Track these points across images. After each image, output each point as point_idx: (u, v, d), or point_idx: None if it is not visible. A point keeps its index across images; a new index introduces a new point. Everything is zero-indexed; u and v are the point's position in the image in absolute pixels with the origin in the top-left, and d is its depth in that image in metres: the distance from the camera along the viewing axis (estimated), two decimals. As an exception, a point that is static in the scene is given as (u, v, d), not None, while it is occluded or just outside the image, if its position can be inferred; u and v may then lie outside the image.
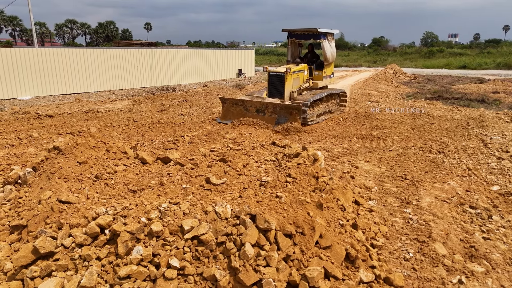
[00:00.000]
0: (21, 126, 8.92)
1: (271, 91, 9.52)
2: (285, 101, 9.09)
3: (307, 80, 10.13)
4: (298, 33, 10.33)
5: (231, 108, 9.29)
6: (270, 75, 9.57)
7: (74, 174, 4.22)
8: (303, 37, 10.31)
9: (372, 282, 2.94)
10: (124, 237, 2.76)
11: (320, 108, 9.70)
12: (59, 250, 2.84)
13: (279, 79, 9.33)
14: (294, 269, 2.77)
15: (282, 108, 8.61)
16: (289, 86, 9.38)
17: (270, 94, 9.53)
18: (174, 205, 3.21)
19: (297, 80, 9.73)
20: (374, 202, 4.68)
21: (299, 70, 9.80)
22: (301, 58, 10.74)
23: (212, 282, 2.63)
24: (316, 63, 10.54)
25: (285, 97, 9.31)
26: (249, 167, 5.09)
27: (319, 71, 10.40)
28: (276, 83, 9.42)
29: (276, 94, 9.37)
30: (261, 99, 8.95)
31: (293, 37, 10.42)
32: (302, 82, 9.93)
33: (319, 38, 9.81)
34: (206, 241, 2.76)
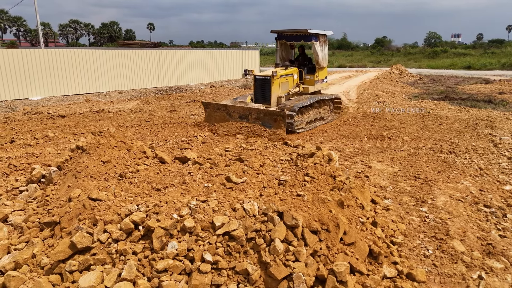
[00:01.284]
0: (36, 126, 9.07)
1: (257, 96, 9.04)
2: (272, 107, 8.66)
3: (297, 84, 9.60)
4: (288, 35, 9.80)
5: (214, 113, 8.80)
6: (255, 79, 9.07)
7: (99, 173, 4.35)
8: (294, 39, 9.82)
9: (395, 278, 3.05)
10: (158, 233, 2.89)
11: (310, 115, 9.11)
12: (96, 245, 2.96)
13: (265, 83, 8.82)
14: (321, 264, 2.88)
15: (266, 114, 8.05)
16: (276, 90, 8.86)
17: (256, 99, 9.01)
18: (202, 202, 3.33)
19: (286, 84, 9.20)
20: (390, 201, 4.78)
21: (288, 74, 9.26)
22: (291, 61, 10.28)
23: (244, 276, 2.74)
24: (307, 67, 10.05)
25: (272, 103, 8.78)
26: (266, 166, 5.19)
27: (310, 75, 9.87)
28: (262, 88, 8.91)
29: (262, 99, 8.85)
30: (244, 104, 8.44)
31: (283, 38, 9.93)
32: (292, 86, 9.41)
33: (310, 40, 9.35)
34: (237, 236, 2.87)
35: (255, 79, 9.05)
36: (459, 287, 3.03)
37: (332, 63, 37.39)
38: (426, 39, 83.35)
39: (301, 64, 10.05)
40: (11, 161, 6.18)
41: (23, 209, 4.38)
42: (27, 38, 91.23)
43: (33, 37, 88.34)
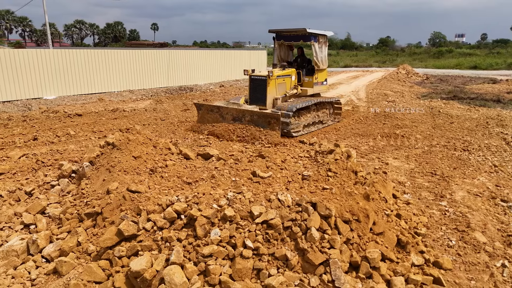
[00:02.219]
0: (55, 125, 9.29)
1: (252, 97, 8.71)
2: (267, 109, 8.31)
3: (295, 86, 9.18)
4: (286, 35, 9.43)
5: (207, 115, 8.45)
6: (251, 79, 8.71)
7: (132, 167, 4.54)
8: (292, 39, 9.44)
9: (423, 265, 3.22)
10: (201, 221, 3.07)
11: (308, 118, 8.75)
12: (141, 232, 3.15)
13: (261, 84, 8.48)
14: (354, 251, 3.05)
15: (260, 116, 7.69)
16: (272, 92, 8.51)
17: (251, 100, 8.70)
18: (238, 194, 3.51)
19: (283, 85, 8.82)
20: (409, 195, 4.95)
21: (285, 74, 8.87)
22: (289, 63, 9.86)
23: (283, 261, 2.92)
24: (306, 68, 9.66)
25: (267, 104, 8.45)
26: (287, 162, 5.37)
27: (309, 77, 9.46)
28: (257, 88, 8.57)
29: (258, 100, 8.54)
30: (237, 106, 8.09)
31: (281, 38, 9.54)
32: (289, 88, 9.00)
33: (309, 40, 8.98)
34: (274, 225, 3.05)
35: (251, 79, 8.73)
36: (484, 275, 3.19)
37: (338, 63, 37.51)
38: (430, 39, 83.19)
39: (299, 65, 9.71)
40: (38, 158, 6.38)
41: (58, 202, 4.58)
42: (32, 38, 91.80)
43: (38, 37, 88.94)
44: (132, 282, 2.85)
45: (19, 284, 3.13)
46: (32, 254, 3.62)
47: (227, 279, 2.71)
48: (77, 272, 3.06)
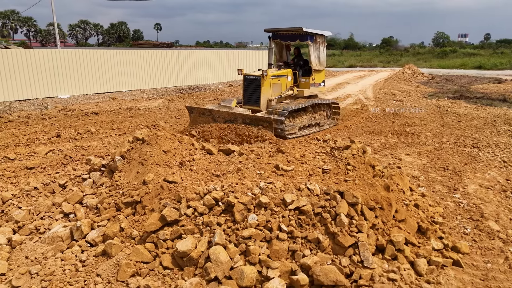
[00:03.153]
0: (75, 122, 9.59)
1: (245, 97, 8.49)
2: (261, 110, 8.15)
3: (291, 87, 8.89)
4: (282, 34, 9.15)
5: (198, 118, 8.19)
6: (245, 79, 8.47)
7: (163, 160, 4.82)
8: (289, 38, 9.18)
9: (442, 250, 3.47)
10: (239, 207, 3.34)
11: (303, 120, 8.49)
12: (183, 218, 3.42)
13: (255, 84, 8.22)
14: (379, 235, 3.31)
15: (252, 120, 7.44)
16: (266, 92, 8.24)
17: (245, 101, 8.49)
18: (269, 184, 3.78)
19: (278, 86, 8.54)
20: (424, 189, 5.20)
21: (281, 75, 8.59)
22: (286, 63, 9.59)
23: (315, 244, 3.18)
24: (303, 69, 9.35)
25: (261, 105, 8.21)
26: (306, 157, 5.63)
27: (306, 78, 9.16)
28: (251, 89, 8.33)
29: (251, 101, 8.32)
30: (229, 109, 7.88)
31: (278, 38, 9.27)
32: (285, 89, 8.71)
33: (306, 40, 8.72)
34: (306, 211, 3.32)
35: (244, 78, 8.49)
36: (499, 258, 3.44)
37: (343, 63, 37.74)
38: (434, 39, 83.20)
39: (296, 65, 9.39)
40: (65, 153, 6.67)
41: (93, 193, 4.86)
42: (37, 38, 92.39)
43: (43, 37, 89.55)
44: (178, 261, 3.12)
45: (71, 266, 3.41)
46: (76, 239, 3.90)
47: (266, 258, 2.98)
48: (125, 254, 3.34)
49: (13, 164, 6.40)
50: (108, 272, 3.20)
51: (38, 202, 4.87)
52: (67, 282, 3.20)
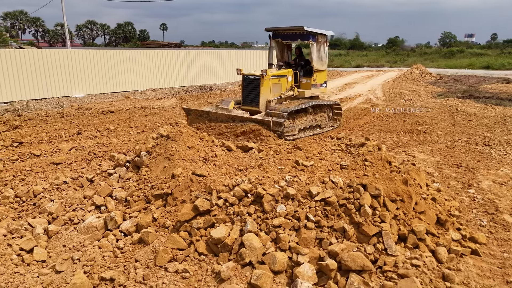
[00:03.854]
0: (93, 120, 9.85)
1: (244, 97, 8.30)
2: (260, 111, 7.97)
3: (292, 88, 8.66)
4: (283, 33, 8.95)
5: (196, 120, 8.02)
6: (244, 79, 8.27)
7: (188, 156, 5.03)
8: (290, 38, 8.96)
9: (460, 240, 3.64)
10: (268, 198, 3.54)
11: (304, 121, 8.29)
12: (214, 208, 3.63)
13: (254, 84, 8.02)
14: (401, 225, 3.50)
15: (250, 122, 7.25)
16: (265, 92, 8.03)
17: (244, 101, 8.29)
18: (294, 177, 3.98)
19: (278, 86, 8.33)
20: (439, 184, 5.36)
21: (281, 75, 8.38)
22: (287, 63, 9.37)
23: (341, 233, 3.37)
24: (304, 69, 9.13)
25: (260, 106, 8.01)
26: (323, 153, 5.82)
27: (307, 78, 8.94)
28: (250, 89, 8.13)
29: (250, 101, 8.11)
30: (226, 111, 7.70)
31: (279, 37, 9.07)
32: (285, 90, 8.50)
33: (307, 39, 8.48)
34: (331, 202, 3.51)
35: (243, 78, 8.30)
36: (515, 248, 3.61)
37: (350, 63, 37.82)
38: (440, 39, 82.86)
39: (297, 65, 9.15)
40: (90, 149, 6.92)
41: (122, 187, 5.09)
42: (45, 39, 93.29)
43: (51, 37, 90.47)
44: (212, 248, 3.33)
45: (109, 252, 3.63)
46: (110, 229, 4.12)
47: (295, 245, 3.18)
48: (161, 242, 3.56)
49: (39, 160, 6.66)
50: (146, 258, 3.41)
51: (69, 195, 5.10)
52: (107, 267, 3.42)
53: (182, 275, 3.12)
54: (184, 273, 3.13)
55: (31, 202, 5.02)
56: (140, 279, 3.16)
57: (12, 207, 4.96)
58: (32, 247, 3.88)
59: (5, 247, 3.80)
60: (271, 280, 2.95)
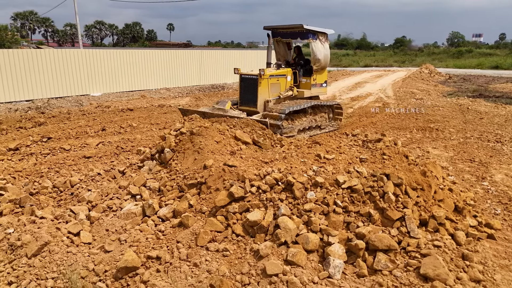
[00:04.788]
0: (114, 118, 10.23)
1: (242, 98, 8.16)
2: (258, 111, 7.86)
3: (291, 87, 8.52)
4: (283, 31, 8.81)
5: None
6: (241, 79, 8.12)
7: (216, 149, 5.35)
8: (290, 36, 8.82)
9: (477, 226, 3.91)
10: (298, 186, 3.84)
11: (303, 122, 8.17)
12: (248, 195, 3.94)
13: (251, 84, 7.88)
14: (422, 211, 3.78)
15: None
16: (263, 92, 7.89)
17: (242, 101, 8.16)
18: (320, 167, 4.27)
19: (276, 86, 8.19)
20: (453, 177, 5.62)
21: (280, 74, 8.23)
22: (288, 62, 9.26)
23: (367, 217, 3.66)
24: (303, 68, 8.96)
25: (258, 106, 7.89)
26: (342, 148, 6.10)
27: (306, 78, 8.79)
28: (248, 89, 8.00)
29: (248, 101, 7.99)
30: (223, 112, 7.53)
31: (278, 35, 8.93)
32: (284, 89, 8.36)
33: (307, 38, 8.31)
34: (357, 190, 3.80)
35: (241, 78, 8.14)
36: (528, 234, 3.87)
37: (358, 63, 37.98)
38: (448, 38, 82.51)
39: (297, 65, 9.00)
40: (117, 144, 7.27)
41: (153, 178, 5.42)
42: (54, 39, 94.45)
43: (60, 37, 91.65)
44: (248, 230, 3.64)
45: (151, 235, 3.95)
46: (148, 216, 4.45)
47: (326, 227, 3.47)
48: (199, 225, 3.87)
49: (70, 154, 7.03)
50: (187, 239, 3.73)
51: (104, 186, 5.44)
52: (151, 247, 3.75)
53: (223, 254, 3.43)
54: (225, 251, 3.44)
55: (68, 192, 5.38)
56: (184, 257, 3.48)
57: (52, 197, 5.32)
58: (79, 231, 4.22)
59: (55, 230, 4.14)
60: (305, 257, 3.25)
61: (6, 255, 3.91)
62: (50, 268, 3.59)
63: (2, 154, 7.19)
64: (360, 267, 3.20)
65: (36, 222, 4.32)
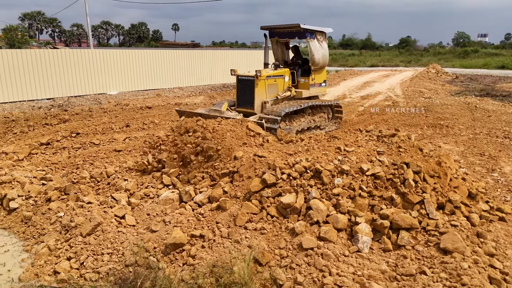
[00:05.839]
0: (135, 115, 10.67)
1: (239, 99, 8.08)
2: (255, 112, 7.79)
3: (289, 88, 8.42)
4: (280, 31, 8.72)
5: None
6: (238, 80, 8.06)
7: (242, 142, 5.75)
8: (287, 36, 8.74)
9: (489, 210, 4.28)
10: (326, 173, 4.23)
11: (301, 123, 8.18)
12: (280, 181, 4.33)
13: (248, 85, 7.80)
14: (439, 196, 4.15)
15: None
16: (261, 94, 7.81)
17: (239, 103, 8.10)
18: (344, 157, 4.66)
19: (274, 87, 8.11)
20: (465, 169, 5.98)
21: (277, 75, 8.15)
22: (285, 62, 9.24)
23: (389, 201, 4.04)
24: (302, 68, 8.87)
25: (255, 108, 7.79)
26: (359, 142, 6.48)
27: (305, 78, 8.71)
28: (245, 90, 7.92)
29: (245, 103, 7.92)
30: (219, 113, 7.46)
31: (275, 35, 8.86)
32: (281, 90, 8.27)
33: (305, 37, 8.22)
34: (380, 176, 4.18)
35: (238, 79, 8.08)
36: (536, 218, 4.23)
37: (364, 63, 38.25)
38: (454, 38, 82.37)
39: (295, 65, 8.92)
40: (145, 139, 7.70)
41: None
42: (61, 39, 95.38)
43: (67, 37, 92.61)
44: (281, 212, 4.04)
45: (192, 217, 4.36)
46: (185, 201, 4.87)
47: (353, 208, 3.86)
48: (236, 208, 4.27)
49: (100, 148, 7.46)
50: (225, 220, 4.13)
51: (138, 176, 5.86)
52: (193, 227, 4.16)
53: (261, 232, 3.83)
54: (262, 230, 3.84)
55: (105, 181, 5.80)
56: (225, 235, 3.89)
57: (90, 186, 5.75)
58: (123, 214, 4.65)
59: (103, 213, 4.56)
60: (336, 234, 3.64)
61: (61, 235, 4.34)
62: (105, 245, 4.01)
63: (35, 148, 7.64)
64: (385, 243, 3.59)
65: (84, 206, 4.75)
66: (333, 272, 3.16)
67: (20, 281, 3.71)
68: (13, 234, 4.62)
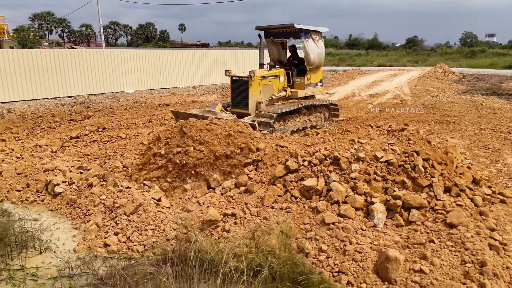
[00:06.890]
0: (155, 111, 11.22)
1: (234, 100, 8.16)
2: (250, 113, 7.83)
3: (284, 88, 8.43)
4: (275, 31, 8.75)
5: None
6: (232, 81, 8.14)
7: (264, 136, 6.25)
8: (282, 36, 8.75)
9: (492, 194, 4.73)
10: (343, 160, 4.71)
11: (297, 123, 8.21)
12: (301, 167, 4.82)
13: (242, 86, 7.82)
14: (446, 181, 4.61)
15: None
16: (255, 94, 7.83)
17: (233, 103, 8.17)
18: (360, 146, 5.13)
19: (269, 87, 8.13)
20: (470, 160, 6.42)
21: (272, 75, 8.17)
22: (281, 62, 9.25)
23: (401, 185, 4.51)
24: (297, 68, 8.91)
25: (250, 108, 7.83)
26: (371, 135, 6.95)
27: (300, 78, 8.71)
28: (239, 91, 7.97)
29: (240, 104, 7.97)
30: (213, 115, 7.48)
31: (271, 35, 8.90)
32: (276, 90, 8.30)
33: (300, 37, 8.25)
34: (393, 163, 4.65)
35: (232, 80, 8.15)
36: (535, 201, 4.67)
37: (371, 63, 38.57)
38: (461, 38, 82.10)
39: (291, 64, 8.96)
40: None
41: (210, 159, 6.34)
42: (70, 39, 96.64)
43: (76, 37, 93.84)
44: (304, 194, 4.52)
45: (223, 199, 4.86)
46: (212, 188, 5.37)
47: (369, 190, 4.34)
48: (262, 191, 4.77)
49: (128, 141, 8.00)
50: (254, 201, 4.63)
51: (167, 165, 6.36)
52: (225, 208, 4.66)
53: (287, 210, 4.32)
54: (288, 209, 4.34)
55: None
56: (254, 213, 4.39)
57: (124, 174, 6.27)
58: (159, 197, 5.17)
59: (142, 196, 5.08)
60: (354, 212, 4.12)
61: (106, 214, 4.87)
62: (147, 222, 4.53)
63: (67, 142, 8.20)
64: (398, 220, 4.06)
65: (123, 191, 5.27)
66: (353, 242, 3.65)
67: (76, 252, 4.24)
68: (60, 215, 5.15)
